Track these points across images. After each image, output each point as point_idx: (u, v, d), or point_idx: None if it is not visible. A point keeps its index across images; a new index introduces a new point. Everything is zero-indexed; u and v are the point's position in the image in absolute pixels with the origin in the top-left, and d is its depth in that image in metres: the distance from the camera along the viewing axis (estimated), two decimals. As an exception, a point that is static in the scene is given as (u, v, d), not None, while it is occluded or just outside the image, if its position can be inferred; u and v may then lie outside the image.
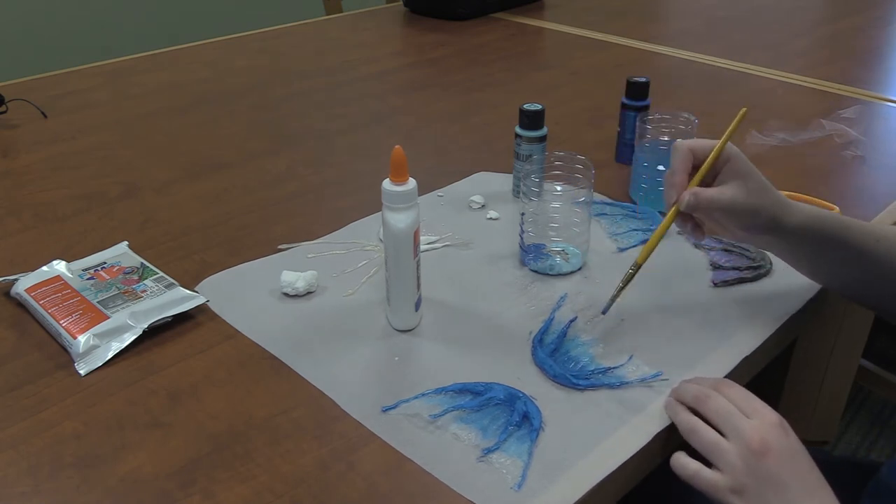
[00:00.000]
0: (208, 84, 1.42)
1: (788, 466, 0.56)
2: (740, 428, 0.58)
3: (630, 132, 1.03)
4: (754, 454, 0.56)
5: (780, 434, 0.58)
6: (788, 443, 0.58)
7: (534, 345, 0.70)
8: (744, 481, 0.56)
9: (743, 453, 0.57)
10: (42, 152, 1.13)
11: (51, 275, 0.78)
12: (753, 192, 0.68)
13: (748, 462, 0.56)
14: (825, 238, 0.71)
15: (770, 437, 0.57)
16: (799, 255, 0.75)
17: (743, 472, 0.57)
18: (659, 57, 1.59)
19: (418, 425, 0.62)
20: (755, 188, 0.69)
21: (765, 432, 0.57)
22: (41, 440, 0.61)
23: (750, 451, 0.57)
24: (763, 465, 0.56)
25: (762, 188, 0.69)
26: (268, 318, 0.75)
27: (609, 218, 0.93)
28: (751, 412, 0.59)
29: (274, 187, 1.02)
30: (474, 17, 1.85)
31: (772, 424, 0.58)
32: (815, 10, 2.03)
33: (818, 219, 0.71)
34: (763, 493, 0.56)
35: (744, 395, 0.61)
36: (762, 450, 0.56)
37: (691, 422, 0.61)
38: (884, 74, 1.49)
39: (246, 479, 0.57)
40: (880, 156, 1.11)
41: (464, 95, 1.37)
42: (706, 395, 0.61)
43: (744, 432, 0.57)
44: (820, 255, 0.74)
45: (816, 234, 0.71)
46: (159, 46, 1.63)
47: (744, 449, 0.57)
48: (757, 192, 0.69)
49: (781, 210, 0.70)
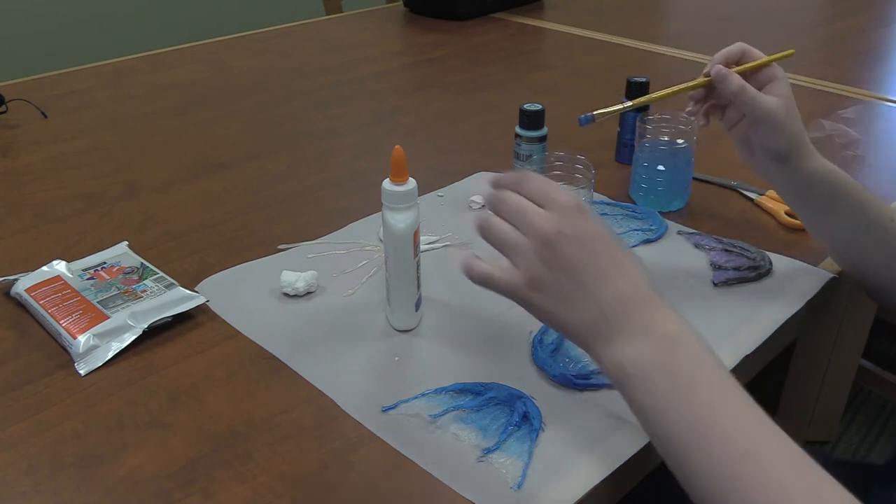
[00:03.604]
0: (208, 84, 1.42)
1: (584, 249, 0.53)
2: (533, 221, 0.54)
3: (630, 132, 1.03)
4: (546, 243, 0.53)
5: (576, 218, 0.54)
6: (584, 225, 0.54)
7: (534, 345, 0.70)
8: (539, 273, 0.54)
9: (536, 246, 0.54)
10: (42, 152, 1.13)
11: (51, 275, 0.78)
12: (788, 112, 0.71)
13: (542, 253, 0.54)
14: (840, 195, 0.73)
15: (563, 223, 0.53)
16: (809, 202, 0.76)
17: (538, 264, 0.54)
18: (659, 57, 1.59)
19: (418, 425, 0.62)
20: (790, 112, 0.71)
21: (558, 220, 0.54)
22: (41, 440, 0.61)
23: (542, 241, 0.53)
24: (556, 252, 0.53)
25: (795, 117, 0.72)
26: (268, 318, 0.75)
27: (609, 218, 0.93)
28: (546, 202, 0.55)
29: (274, 187, 1.02)
30: (474, 17, 1.85)
31: (566, 209, 0.54)
32: (815, 10, 2.03)
33: (837, 172, 0.73)
34: (559, 281, 0.53)
35: (539, 186, 0.56)
36: (554, 237, 0.53)
37: (482, 216, 0.57)
38: (884, 74, 1.49)
39: (246, 479, 0.57)
40: (880, 156, 1.11)
41: (464, 95, 1.37)
42: (500, 197, 0.57)
43: (536, 224, 0.54)
44: (830, 210, 0.74)
45: (833, 186, 0.72)
46: (159, 46, 1.63)
47: (536, 240, 0.54)
48: (790, 115, 0.71)
49: (805, 147, 0.72)
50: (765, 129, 0.71)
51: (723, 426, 0.48)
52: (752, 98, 0.70)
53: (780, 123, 0.70)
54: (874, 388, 1.69)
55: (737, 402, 0.49)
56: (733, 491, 0.46)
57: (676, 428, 0.49)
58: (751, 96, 0.70)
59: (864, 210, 0.73)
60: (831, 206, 0.74)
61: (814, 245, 0.87)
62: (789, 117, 0.71)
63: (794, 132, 0.71)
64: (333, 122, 1.24)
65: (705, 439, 0.48)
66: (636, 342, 0.51)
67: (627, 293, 0.53)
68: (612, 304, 0.52)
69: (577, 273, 0.53)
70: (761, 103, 0.70)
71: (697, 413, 0.49)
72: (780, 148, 0.71)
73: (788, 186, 0.75)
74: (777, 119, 0.70)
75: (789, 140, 0.71)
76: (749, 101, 0.70)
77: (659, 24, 1.93)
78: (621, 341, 0.52)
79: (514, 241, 0.55)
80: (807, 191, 0.74)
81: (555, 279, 0.53)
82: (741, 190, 1.00)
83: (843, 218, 0.74)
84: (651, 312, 0.52)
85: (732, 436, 0.47)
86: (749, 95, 0.70)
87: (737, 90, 0.70)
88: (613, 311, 0.52)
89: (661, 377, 0.50)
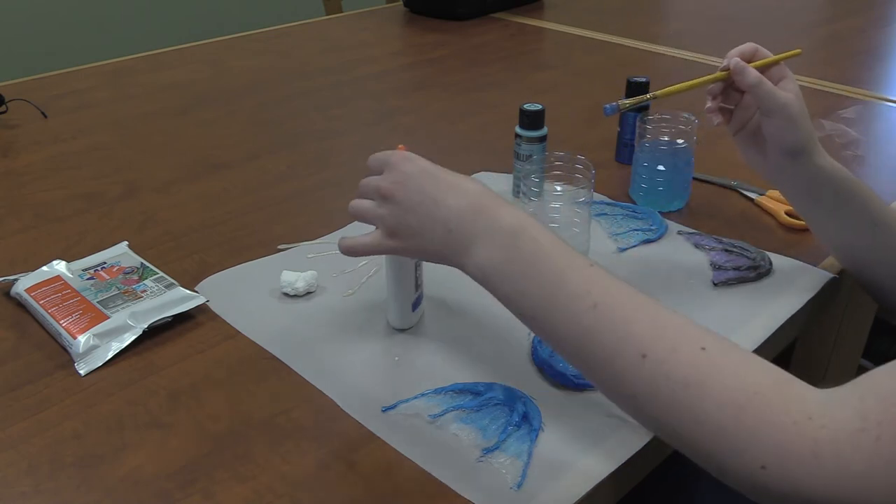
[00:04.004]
0: (208, 84, 1.42)
1: (415, 186, 0.59)
2: (374, 186, 0.61)
3: (630, 132, 1.03)
4: (386, 198, 0.60)
5: (404, 165, 0.61)
6: (411, 168, 0.60)
7: (534, 345, 0.70)
8: (390, 222, 0.60)
9: (381, 203, 0.61)
10: (42, 152, 1.13)
11: (51, 275, 0.78)
12: (798, 108, 0.72)
13: (388, 208, 0.60)
14: (847, 194, 0.74)
15: (394, 175, 0.60)
16: (817, 201, 0.76)
17: (388, 217, 0.60)
18: (659, 57, 1.59)
19: (418, 425, 0.62)
20: (800, 107, 0.72)
21: (390, 175, 0.61)
22: (41, 440, 0.61)
23: (383, 197, 0.60)
24: (394, 201, 0.60)
25: (805, 112, 0.73)
26: (268, 318, 0.75)
27: (609, 218, 0.93)
28: (382, 167, 0.62)
29: (274, 187, 1.02)
30: (474, 17, 1.85)
31: (395, 164, 0.61)
32: (815, 11, 2.03)
33: (844, 171, 0.74)
34: (406, 221, 0.59)
35: (375, 157, 0.64)
36: (390, 190, 0.60)
37: (351, 203, 0.64)
38: (884, 74, 1.49)
39: (246, 479, 0.57)
40: (880, 156, 1.11)
41: (464, 95, 1.37)
42: (359, 185, 0.64)
43: (376, 186, 0.61)
44: (836, 210, 0.75)
45: (840, 184, 0.73)
46: (159, 46, 1.63)
47: (380, 200, 0.61)
48: (800, 110, 0.72)
49: (815, 143, 0.73)
50: (780, 122, 0.72)
51: (570, 287, 0.52)
52: (769, 91, 0.71)
53: (796, 116, 0.71)
54: (874, 388, 1.68)
55: (579, 265, 0.53)
56: (590, 340, 0.51)
57: (535, 303, 0.53)
58: (768, 89, 0.71)
59: (870, 210, 0.74)
60: (838, 205, 0.75)
61: (814, 245, 0.87)
62: (799, 112, 0.72)
63: (808, 128, 0.73)
64: (333, 122, 1.24)
65: (559, 304, 0.52)
66: (486, 244, 0.56)
67: (464, 205, 0.57)
68: (453, 219, 0.57)
69: (417, 207, 0.59)
70: (778, 96, 0.71)
71: (547, 284, 0.53)
72: (796, 141, 0.72)
73: (797, 184, 0.76)
74: (793, 111, 0.71)
75: (800, 133, 0.72)
76: (766, 94, 0.71)
77: (659, 24, 1.93)
78: (474, 247, 0.56)
79: (368, 208, 0.63)
80: (815, 189, 0.75)
81: (403, 222, 0.60)
82: (741, 190, 1.00)
83: (850, 217, 0.75)
84: (490, 214, 0.56)
85: (580, 293, 0.52)
86: (766, 88, 0.71)
87: (755, 82, 0.71)
88: (456, 224, 0.57)
89: (512, 265, 0.55)
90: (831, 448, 0.43)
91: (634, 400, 0.49)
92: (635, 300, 0.52)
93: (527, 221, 0.56)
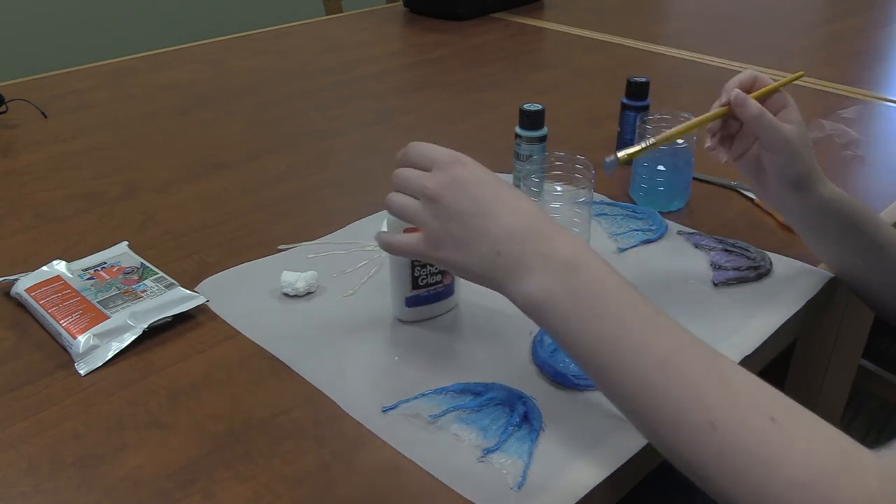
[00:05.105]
0: (208, 84, 1.42)
1: (466, 195, 0.55)
2: (418, 183, 0.57)
3: (630, 132, 1.03)
4: (432, 199, 0.56)
5: (454, 168, 0.57)
6: (465, 173, 0.56)
7: (534, 345, 0.70)
8: (433, 228, 0.56)
9: (425, 205, 0.57)
10: (42, 152, 1.13)
11: (51, 275, 0.78)
12: (800, 138, 0.70)
13: (431, 210, 0.56)
14: (852, 220, 0.72)
15: (443, 176, 0.56)
16: (823, 230, 0.75)
17: (431, 221, 0.56)
18: (659, 57, 1.59)
19: (418, 425, 0.62)
20: (802, 137, 0.71)
21: (439, 176, 0.56)
22: (41, 440, 0.61)
23: (428, 199, 0.56)
24: (442, 204, 0.56)
25: (808, 144, 0.71)
26: (268, 319, 0.75)
27: (609, 218, 0.93)
28: (429, 163, 0.58)
29: (274, 187, 1.02)
30: (474, 17, 1.85)
31: (445, 164, 0.57)
32: (815, 11, 2.03)
33: (847, 198, 0.73)
34: (450, 231, 0.55)
35: (420, 151, 0.59)
36: (436, 192, 0.56)
37: (388, 196, 0.60)
38: (884, 74, 1.49)
39: (246, 479, 0.57)
40: (880, 156, 1.11)
41: (464, 95, 1.37)
42: (395, 174, 0.60)
43: (421, 185, 0.57)
44: (843, 237, 0.74)
45: (845, 211, 0.72)
46: (159, 46, 1.63)
47: (424, 200, 0.57)
48: (802, 143, 0.71)
49: (818, 174, 0.72)
50: (782, 156, 0.70)
51: (634, 339, 0.49)
52: (771, 124, 0.69)
53: (797, 150, 0.70)
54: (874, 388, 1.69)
55: (645, 314, 0.50)
56: (654, 399, 0.48)
57: (592, 347, 0.50)
58: (769, 122, 0.69)
59: (877, 235, 0.73)
60: (843, 234, 0.74)
61: (814, 245, 0.87)
62: (801, 143, 0.70)
63: (810, 159, 0.71)
64: (333, 122, 1.24)
65: (620, 353, 0.49)
66: (539, 273, 0.52)
67: (516, 226, 0.54)
68: (504, 240, 0.54)
69: (464, 218, 0.55)
70: (780, 130, 0.69)
71: (608, 330, 0.50)
72: (797, 175, 0.71)
73: (802, 215, 0.74)
74: (795, 146, 0.70)
75: (803, 165, 0.71)
76: (767, 127, 0.70)
77: (659, 24, 1.93)
78: (525, 275, 0.53)
79: (409, 206, 0.58)
80: (820, 218, 0.74)
81: (447, 230, 0.56)
82: (741, 190, 1.00)
83: (855, 244, 0.74)
84: (546, 240, 0.53)
85: (644, 347, 0.49)
86: (768, 121, 0.69)
87: (757, 114, 0.69)
88: (507, 247, 0.53)
89: (569, 301, 0.51)
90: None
91: (699, 468, 0.47)
92: (704, 357, 0.49)
93: (586, 254, 0.53)
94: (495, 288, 0.56)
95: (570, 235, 0.54)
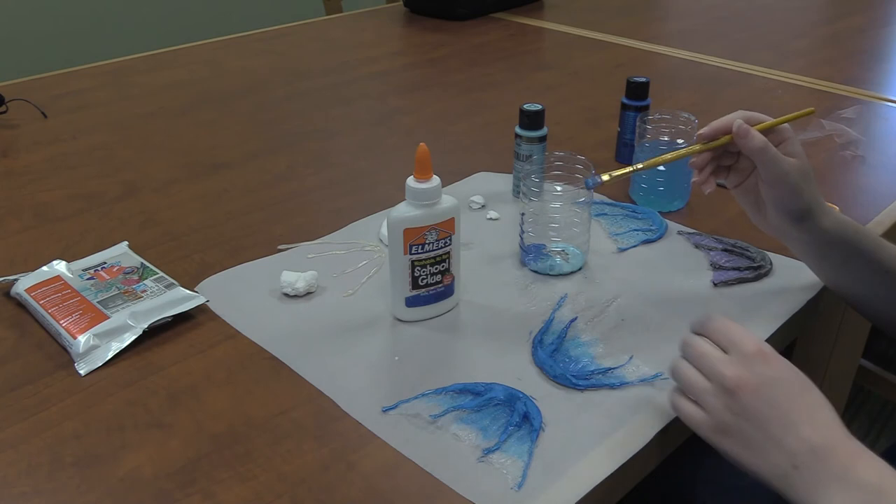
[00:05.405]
0: (208, 84, 1.42)
1: (767, 398, 0.54)
2: (716, 367, 0.56)
3: (630, 132, 1.03)
4: (728, 392, 0.54)
5: (758, 365, 0.55)
6: (768, 372, 0.55)
7: (534, 345, 0.70)
8: (724, 419, 0.55)
9: (719, 392, 0.55)
10: (42, 152, 1.13)
11: (51, 275, 0.78)
12: (802, 172, 0.69)
13: (725, 400, 0.55)
14: (856, 246, 0.71)
15: (744, 370, 0.54)
16: (827, 259, 0.74)
17: (722, 410, 0.55)
18: (659, 57, 1.59)
19: (418, 425, 0.62)
20: (803, 171, 0.69)
21: (739, 367, 0.55)
22: (41, 440, 0.61)
23: (724, 389, 0.55)
24: (738, 401, 0.54)
25: (808, 176, 0.69)
26: (268, 319, 0.75)
27: (609, 218, 0.93)
28: (728, 346, 0.56)
29: (274, 187, 1.02)
30: (474, 17, 1.85)
31: (749, 356, 0.55)
32: (815, 10, 2.03)
33: (850, 224, 0.71)
34: (743, 429, 0.54)
35: (722, 328, 0.58)
36: (735, 386, 0.54)
37: (674, 362, 0.59)
38: (884, 74, 1.49)
39: (246, 479, 0.57)
40: (880, 156, 1.11)
41: (464, 95, 1.37)
42: (687, 343, 0.59)
43: (719, 372, 0.55)
44: (848, 263, 0.72)
45: (848, 239, 0.71)
46: (159, 46, 1.63)
47: (719, 389, 0.55)
48: (804, 176, 0.69)
49: (819, 206, 0.70)
50: (783, 189, 0.69)
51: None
52: (773, 158, 0.68)
53: (799, 184, 0.68)
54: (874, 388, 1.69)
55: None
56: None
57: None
58: (772, 156, 0.67)
59: (881, 257, 0.71)
60: (845, 261, 0.72)
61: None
62: (803, 176, 0.69)
63: (811, 192, 0.69)
64: (333, 122, 1.24)
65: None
66: (839, 495, 0.50)
67: (818, 441, 0.52)
68: (803, 454, 0.52)
69: (761, 422, 0.53)
70: (782, 164, 0.68)
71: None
72: (799, 209, 0.69)
73: (805, 245, 0.73)
74: (797, 180, 0.68)
75: (805, 198, 0.69)
76: (769, 161, 0.68)
77: (659, 24, 1.93)
78: (823, 495, 0.50)
79: (699, 386, 0.57)
80: (824, 248, 0.72)
81: (739, 427, 0.54)
82: (741, 190, 0.99)
83: (862, 268, 0.72)
84: (849, 461, 0.51)
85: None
86: (770, 155, 0.67)
87: (761, 147, 0.67)
88: (805, 462, 0.51)
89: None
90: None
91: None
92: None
93: (890, 480, 0.49)
94: (776, 491, 0.54)
95: (873, 456, 0.51)
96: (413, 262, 0.71)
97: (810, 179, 0.69)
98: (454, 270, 0.74)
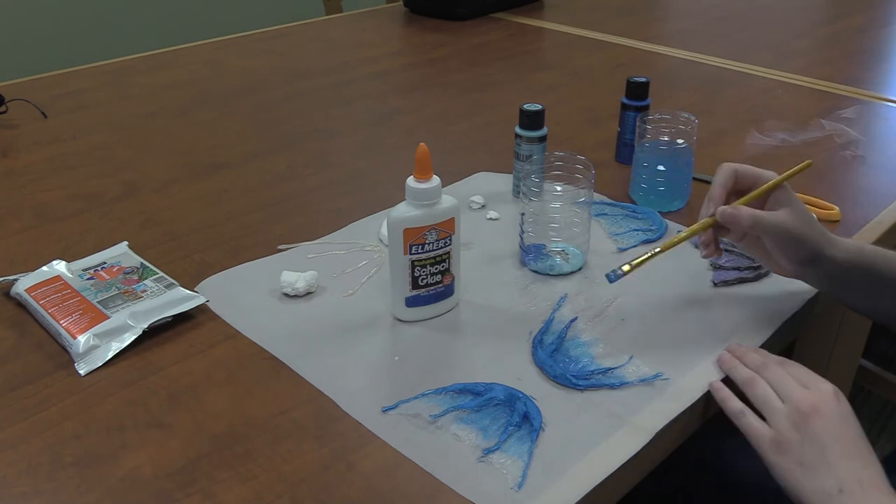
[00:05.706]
0: (208, 84, 1.42)
1: (833, 429, 0.59)
2: (794, 394, 0.61)
3: (630, 132, 1.03)
4: (802, 414, 0.60)
5: (832, 400, 0.60)
6: (839, 409, 0.60)
7: (534, 345, 0.70)
8: (787, 437, 0.60)
9: (791, 414, 0.60)
10: (42, 152, 1.13)
11: (51, 275, 0.78)
12: (799, 221, 0.69)
13: (795, 421, 0.60)
14: (870, 273, 0.71)
15: (821, 402, 0.60)
16: (847, 288, 0.74)
17: (788, 429, 0.60)
18: (659, 57, 1.59)
19: (418, 425, 0.62)
20: (801, 218, 0.69)
21: (817, 398, 0.60)
22: (41, 440, 0.61)
23: (799, 411, 0.60)
24: (809, 425, 0.59)
25: (807, 220, 0.70)
26: (268, 319, 0.75)
27: (609, 218, 0.93)
28: (807, 382, 0.62)
29: (274, 187, 1.02)
30: (474, 17, 1.85)
31: (826, 393, 0.61)
32: (815, 10, 2.03)
33: (861, 253, 0.71)
34: (804, 451, 0.59)
35: (804, 371, 0.64)
36: (811, 411, 0.59)
37: (751, 375, 0.64)
38: (884, 74, 1.49)
39: (246, 479, 0.57)
40: (880, 156, 1.11)
41: (464, 95, 1.37)
42: (766, 366, 0.65)
43: (796, 395, 0.61)
44: (863, 289, 0.73)
45: (861, 268, 0.71)
46: (159, 46, 1.63)
47: (793, 410, 0.60)
48: (802, 222, 0.69)
49: (826, 243, 0.70)
50: (787, 243, 0.69)
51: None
52: (768, 224, 0.68)
53: (801, 233, 0.69)
54: (874, 388, 1.69)
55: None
56: None
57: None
58: (768, 223, 0.68)
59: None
60: (869, 282, 0.72)
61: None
62: (801, 223, 0.69)
63: (815, 234, 0.70)
64: (333, 122, 1.24)
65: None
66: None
67: (867, 478, 0.57)
68: (852, 483, 0.57)
69: (823, 446, 0.59)
70: (778, 224, 0.68)
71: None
72: (805, 253, 0.70)
73: (822, 281, 0.74)
74: (797, 230, 0.69)
75: (810, 244, 0.69)
76: (767, 228, 0.69)
77: (659, 24, 1.93)
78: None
79: (773, 404, 0.62)
80: (842, 278, 0.72)
81: (800, 445, 0.59)
82: (741, 190, 0.99)
83: (885, 288, 0.72)
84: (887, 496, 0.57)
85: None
86: (766, 224, 0.68)
87: (752, 223, 0.69)
88: (851, 490, 0.57)
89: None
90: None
91: None
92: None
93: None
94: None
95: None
96: (413, 262, 0.71)
97: (811, 222, 0.70)
98: (454, 270, 0.74)
